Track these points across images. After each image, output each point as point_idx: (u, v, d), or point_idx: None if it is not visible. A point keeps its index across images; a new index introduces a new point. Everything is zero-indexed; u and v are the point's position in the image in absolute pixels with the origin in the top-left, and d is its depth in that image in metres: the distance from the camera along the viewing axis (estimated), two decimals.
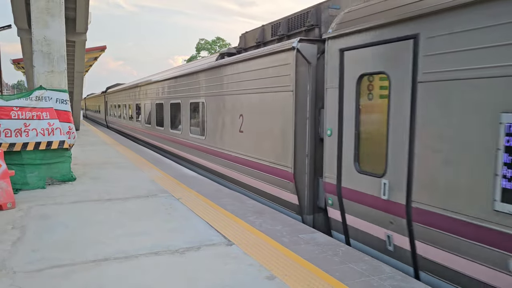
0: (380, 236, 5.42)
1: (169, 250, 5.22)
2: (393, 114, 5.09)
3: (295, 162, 7.09)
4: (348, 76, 5.91)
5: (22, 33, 18.36)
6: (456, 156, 4.27)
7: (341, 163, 6.07)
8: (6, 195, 7.31)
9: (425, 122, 4.62)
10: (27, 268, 4.62)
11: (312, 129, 7.02)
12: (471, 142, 4.12)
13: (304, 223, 7.04)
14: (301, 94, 7.04)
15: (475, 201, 4.07)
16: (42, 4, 9.49)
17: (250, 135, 8.72)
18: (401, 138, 4.95)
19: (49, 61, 9.63)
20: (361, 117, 5.75)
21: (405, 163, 4.89)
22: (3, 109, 8.71)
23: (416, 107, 4.72)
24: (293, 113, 7.05)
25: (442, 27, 4.40)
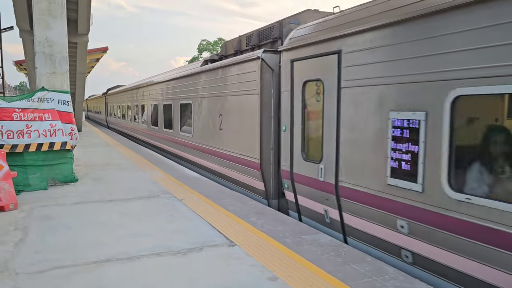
0: (320, 211, 6.72)
1: (171, 251, 5.21)
2: (325, 113, 6.39)
3: (261, 154, 8.41)
4: (297, 81, 7.20)
5: (24, 35, 18.40)
6: (363, 144, 5.61)
7: (292, 153, 7.41)
8: (9, 196, 7.32)
9: (345, 118, 5.94)
10: (29, 270, 4.61)
11: (276, 126, 8.27)
12: (372, 133, 5.45)
13: (270, 206, 8.26)
14: (266, 96, 8.33)
15: (376, 178, 5.37)
16: (44, 6, 9.50)
17: (227, 132, 10.05)
18: (331, 131, 6.25)
19: (51, 62, 9.64)
20: (306, 115, 7.09)
21: (333, 151, 6.19)
22: (5, 110, 8.72)
23: (340, 107, 6.02)
24: (259, 113, 8.36)
25: (353, 45, 5.74)
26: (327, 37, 6.27)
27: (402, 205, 4.99)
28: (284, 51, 7.60)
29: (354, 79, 5.76)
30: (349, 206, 5.96)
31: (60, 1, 9.67)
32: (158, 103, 17.01)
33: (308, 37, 6.89)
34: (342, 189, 6.05)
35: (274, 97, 8.27)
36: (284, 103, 7.70)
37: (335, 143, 6.14)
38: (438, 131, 4.51)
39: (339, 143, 6.05)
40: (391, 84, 5.14)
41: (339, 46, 6.03)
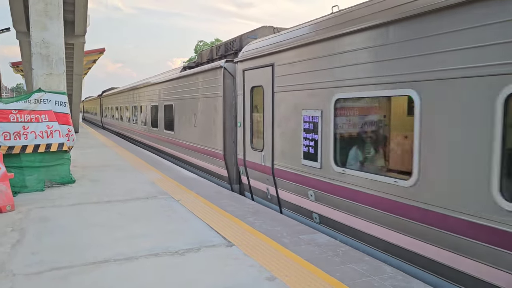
0: (264, 190, 8.39)
1: (169, 252, 5.21)
2: (265, 112, 8.07)
3: (224, 146, 10.03)
4: (247, 87, 8.86)
5: (21, 36, 18.36)
6: (287, 135, 7.34)
7: (245, 145, 9.06)
8: (6, 198, 7.29)
9: (277, 116, 7.65)
10: (26, 271, 4.60)
11: (236, 123, 9.69)
12: (292, 127, 7.16)
13: (233, 190, 9.70)
14: (228, 98, 9.94)
15: (295, 160, 7.07)
16: (40, 7, 9.48)
17: (200, 129, 11.73)
18: (268, 126, 7.95)
19: (47, 64, 9.62)
20: (253, 114, 8.78)
21: (270, 141, 7.91)
22: (2, 112, 8.70)
23: (274, 107, 7.71)
24: (223, 112, 9.97)
25: (281, 60, 7.44)
26: (265, 53, 7.99)
27: (310, 179, 6.70)
28: (238, 62, 9.26)
29: (282, 86, 7.46)
30: (281, 183, 7.67)
31: (57, 2, 9.66)
32: (146, 105, 18.75)
33: (254, 52, 8.54)
34: (276, 171, 7.78)
35: (235, 99, 9.76)
36: (239, 104, 9.37)
37: (271, 135, 7.88)
38: (328, 124, 6.22)
39: (274, 135, 7.79)
40: (302, 90, 6.85)
41: (272, 60, 7.74)
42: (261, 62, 8.16)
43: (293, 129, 7.14)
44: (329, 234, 6.08)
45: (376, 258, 5.09)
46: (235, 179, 9.98)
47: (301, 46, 6.82)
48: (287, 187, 7.45)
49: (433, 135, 4.50)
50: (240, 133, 9.31)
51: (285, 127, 7.42)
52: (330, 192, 6.21)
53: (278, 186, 7.77)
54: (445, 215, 4.38)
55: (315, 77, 6.49)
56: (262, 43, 8.47)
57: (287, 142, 7.36)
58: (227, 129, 9.98)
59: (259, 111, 8.50)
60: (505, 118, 3.77)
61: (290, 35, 7.38)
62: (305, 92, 6.79)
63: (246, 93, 8.89)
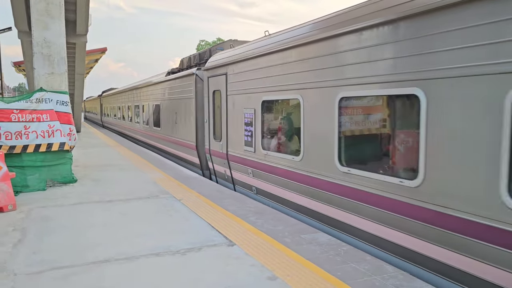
0: (223, 172, 10.50)
1: (170, 251, 5.20)
2: (222, 111, 10.16)
3: (196, 139, 12.19)
4: (210, 91, 11.06)
5: (22, 36, 18.37)
6: (235, 128, 9.31)
7: (209, 136, 11.26)
8: (7, 197, 7.30)
9: (229, 113, 9.70)
10: (27, 270, 4.60)
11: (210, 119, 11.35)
12: (238, 122, 9.14)
13: (204, 176, 11.70)
14: (199, 99, 12.04)
15: (239, 146, 9.17)
16: (42, 6, 9.49)
17: (179, 125, 13.87)
18: (224, 121, 10.04)
19: (49, 63, 9.63)
20: (215, 112, 10.86)
21: (225, 133, 9.99)
22: (3, 111, 8.71)
23: (227, 107, 9.79)
24: (195, 111, 12.20)
25: (231, 71, 9.52)
26: (221, 64, 10.13)
27: (249, 160, 8.82)
28: (205, 70, 11.45)
29: (232, 90, 9.56)
30: (233, 165, 9.74)
31: (58, 2, 9.65)
32: (139, 104, 21.16)
33: (214, 63, 10.65)
34: (229, 156, 9.88)
35: (203, 100, 11.81)
36: (205, 104, 11.50)
37: (225, 128, 10.01)
38: (258, 119, 8.32)
39: (227, 128, 9.90)
40: (244, 94, 8.91)
41: (225, 71, 9.88)
42: (219, 72, 10.32)
43: (238, 123, 9.25)
44: (330, 234, 6.07)
45: (377, 257, 5.07)
46: (206, 166, 11.97)
47: (242, 61, 8.97)
48: (236, 168, 9.61)
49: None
50: (206, 128, 11.49)
51: (234, 121, 9.54)
52: (261, 169, 8.37)
53: (231, 168, 9.93)
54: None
55: (250, 84, 8.64)
56: (220, 56, 10.66)
57: (235, 133, 9.46)
58: (198, 125, 12.16)
59: (218, 109, 10.60)
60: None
61: (236, 52, 9.52)
62: (245, 95, 8.89)
63: (210, 95, 11.11)
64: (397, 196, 4.96)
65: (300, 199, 7.11)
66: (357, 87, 5.61)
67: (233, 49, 10.02)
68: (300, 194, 7.06)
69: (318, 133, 6.47)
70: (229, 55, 9.90)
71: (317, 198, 6.59)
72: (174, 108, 14.41)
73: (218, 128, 10.59)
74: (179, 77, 13.85)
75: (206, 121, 11.48)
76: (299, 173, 7.00)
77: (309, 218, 6.89)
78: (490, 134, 3.87)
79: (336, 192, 6.11)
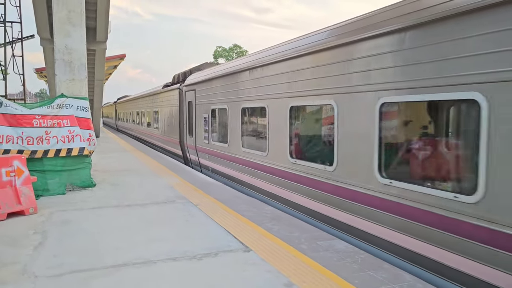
0: (195, 159, 14.21)
1: (187, 256, 5.24)
2: (193, 115, 14.10)
3: (180, 137, 16.34)
4: (186, 102, 15.04)
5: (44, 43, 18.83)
6: (199, 126, 13.38)
7: (186, 134, 15.18)
8: (29, 201, 7.46)
9: (196, 117, 13.73)
10: (48, 273, 4.69)
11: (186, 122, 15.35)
12: (201, 122, 13.30)
13: (186, 164, 15.32)
14: (182, 107, 15.96)
15: (202, 140, 13.17)
16: (64, 15, 9.72)
17: (170, 127, 18.12)
18: (193, 122, 14.09)
19: (70, 70, 9.84)
20: (189, 116, 14.57)
21: (195, 130, 13.92)
22: (26, 117, 8.92)
23: (196, 112, 13.77)
24: (179, 116, 16.34)
25: (198, 88, 13.59)
26: (192, 83, 14.32)
27: (207, 149, 12.50)
28: (184, 86, 15.55)
29: (198, 101, 13.51)
30: (200, 154, 13.60)
31: (80, 10, 9.88)
32: (144, 110, 26.04)
33: (188, 82, 14.90)
34: (198, 147, 13.75)
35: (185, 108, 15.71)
36: (184, 111, 15.56)
37: (194, 127, 13.94)
38: (208, 121, 12.18)
39: (196, 127, 13.77)
40: (204, 104, 12.83)
41: (195, 88, 13.97)
42: (191, 88, 14.52)
43: (201, 123, 13.31)
44: (348, 241, 6.02)
45: (394, 265, 5.01)
46: (186, 157, 16.00)
47: (202, 82, 13.17)
48: (201, 156, 13.47)
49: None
50: (185, 128, 15.64)
51: (199, 123, 13.59)
52: (212, 154, 12.29)
53: (199, 156, 13.85)
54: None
55: (207, 97, 12.63)
56: (192, 76, 14.78)
57: (200, 131, 13.44)
58: (181, 126, 16.19)
59: (191, 114, 14.64)
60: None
61: (199, 75, 13.69)
62: (205, 105, 12.92)
63: (186, 105, 15.29)
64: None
65: (238, 174, 10.43)
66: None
67: (200, 72, 14.13)
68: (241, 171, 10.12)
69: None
70: (196, 76, 14.07)
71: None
72: (167, 113, 18.66)
73: (191, 128, 14.61)
74: (168, 90, 18.24)
75: (184, 123, 15.57)
76: (235, 157, 10.52)
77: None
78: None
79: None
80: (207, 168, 12.77)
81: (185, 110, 15.20)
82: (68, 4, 9.72)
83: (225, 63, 13.13)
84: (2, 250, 5.46)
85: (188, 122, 14.89)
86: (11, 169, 7.49)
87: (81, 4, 9.92)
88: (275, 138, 8.32)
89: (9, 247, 5.62)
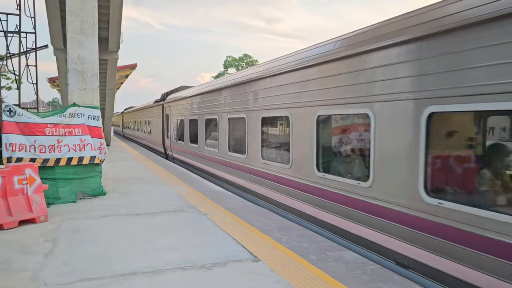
0: (170, 154, 21.06)
1: (196, 265, 5.23)
2: (168, 123, 21.01)
3: (163, 139, 22.62)
4: (165, 114, 21.99)
5: (58, 53, 19.12)
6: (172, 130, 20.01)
7: (166, 137, 21.83)
8: (40, 209, 7.53)
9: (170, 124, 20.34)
10: (57, 281, 4.72)
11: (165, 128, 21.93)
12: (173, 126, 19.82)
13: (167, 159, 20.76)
14: (163, 118, 22.36)
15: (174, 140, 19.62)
16: (77, 25, 9.88)
17: (157, 133, 24.16)
18: (169, 127, 20.94)
19: (82, 79, 9.97)
20: (168, 124, 21.16)
21: (170, 133, 20.61)
22: (39, 126, 9.04)
23: (170, 121, 20.50)
24: (162, 124, 22.78)
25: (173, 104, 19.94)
26: (169, 101, 20.50)
27: (181, 148, 18.07)
28: (164, 103, 21.71)
29: (173, 113, 19.58)
30: (174, 150, 19.60)
31: (92, 20, 10.04)
32: (141, 120, 33.47)
33: (167, 100, 21.10)
34: (172, 146, 20.00)
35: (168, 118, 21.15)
36: (165, 120, 21.54)
37: (171, 131, 20.06)
38: (176, 127, 18.88)
39: (170, 131, 20.10)
40: (176, 115, 18.84)
41: (170, 104, 20.39)
42: (168, 104, 20.64)
43: (174, 128, 18.99)
44: (357, 252, 5.97)
45: (405, 277, 4.95)
46: (165, 153, 22.21)
47: (173, 101, 19.38)
48: (175, 152, 19.08)
49: None
50: (164, 133, 21.94)
51: (173, 127, 19.28)
52: (181, 150, 17.63)
53: (172, 151, 19.73)
54: None
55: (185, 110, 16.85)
56: (170, 96, 20.83)
57: (174, 133, 18.69)
58: (164, 131, 22.25)
59: (168, 122, 20.59)
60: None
61: (171, 96, 19.89)
62: (175, 116, 18.64)
63: (165, 116, 21.62)
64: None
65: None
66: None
67: (174, 94, 20.41)
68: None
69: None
70: (171, 96, 20.43)
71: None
72: (155, 122, 25.57)
73: (168, 132, 21.05)
74: (156, 105, 24.99)
75: (164, 129, 22.10)
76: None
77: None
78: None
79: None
80: (176, 159, 19.58)
81: (165, 119, 21.98)
82: (81, 15, 9.89)
83: (188, 88, 18.93)
84: (13, 257, 5.52)
85: (167, 128, 21.55)
86: (23, 177, 7.58)
87: (94, 15, 10.08)
88: (222, 139, 12.43)
89: (20, 254, 5.67)
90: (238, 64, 72.14)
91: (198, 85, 17.02)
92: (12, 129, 8.74)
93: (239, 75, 11.12)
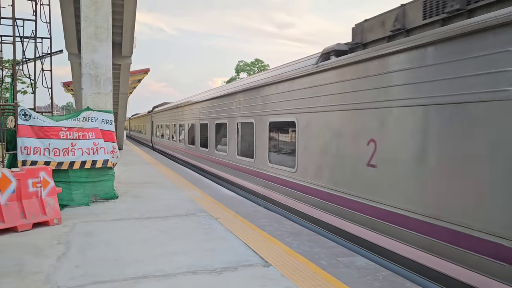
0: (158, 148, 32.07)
1: (207, 270, 5.24)
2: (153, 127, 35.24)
3: (151, 138, 36.20)
4: (152, 121, 36.00)
5: (72, 58, 19.43)
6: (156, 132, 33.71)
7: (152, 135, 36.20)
8: (53, 212, 7.62)
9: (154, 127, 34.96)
10: (70, 284, 4.76)
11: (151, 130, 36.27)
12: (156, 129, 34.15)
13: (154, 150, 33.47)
14: (151, 124, 36.48)
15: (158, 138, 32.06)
16: (91, 30, 10.02)
17: (149, 133, 38.14)
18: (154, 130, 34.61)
19: (96, 84, 10.10)
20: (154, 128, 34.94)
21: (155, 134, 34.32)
22: (53, 129, 9.16)
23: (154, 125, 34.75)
24: (150, 128, 37.28)
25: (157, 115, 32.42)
26: (154, 112, 33.95)
27: (159, 141, 30.92)
28: (152, 114, 35.31)
29: (155, 121, 33.30)
30: (158, 144, 31.93)
31: (106, 26, 10.17)
32: (141, 124, 46.66)
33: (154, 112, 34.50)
34: (156, 141, 33.08)
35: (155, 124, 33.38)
36: (151, 125, 35.97)
37: (156, 132, 33.37)
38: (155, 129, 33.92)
39: (155, 132, 33.75)
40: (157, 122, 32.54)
41: (154, 115, 33.94)
42: (154, 114, 33.50)
43: (156, 130, 32.92)
44: (369, 258, 5.92)
45: (417, 284, 4.89)
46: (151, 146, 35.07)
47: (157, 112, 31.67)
48: (158, 145, 31.27)
49: None
50: (151, 133, 35.19)
51: (157, 129, 32.22)
52: (161, 143, 29.92)
53: (156, 144, 32.41)
54: None
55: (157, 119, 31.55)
56: (156, 108, 33.09)
57: (159, 133, 30.76)
58: (151, 132, 35.35)
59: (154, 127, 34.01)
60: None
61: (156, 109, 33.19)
62: (158, 122, 31.48)
63: (154, 124, 33.89)
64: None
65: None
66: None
67: (159, 107, 31.77)
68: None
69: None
70: (155, 109, 33.30)
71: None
72: (146, 126, 38.56)
73: (154, 132, 33.39)
74: (148, 114, 36.90)
75: (151, 130, 34.62)
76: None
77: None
78: None
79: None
80: (160, 150, 29.36)
81: (152, 125, 34.40)
82: (95, 20, 10.04)
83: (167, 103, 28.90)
84: (27, 260, 5.59)
85: (155, 130, 32.66)
86: (38, 180, 7.68)
87: (108, 21, 10.22)
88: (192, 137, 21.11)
89: (34, 256, 5.74)
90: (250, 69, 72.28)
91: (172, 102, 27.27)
92: (27, 133, 8.87)
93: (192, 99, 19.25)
